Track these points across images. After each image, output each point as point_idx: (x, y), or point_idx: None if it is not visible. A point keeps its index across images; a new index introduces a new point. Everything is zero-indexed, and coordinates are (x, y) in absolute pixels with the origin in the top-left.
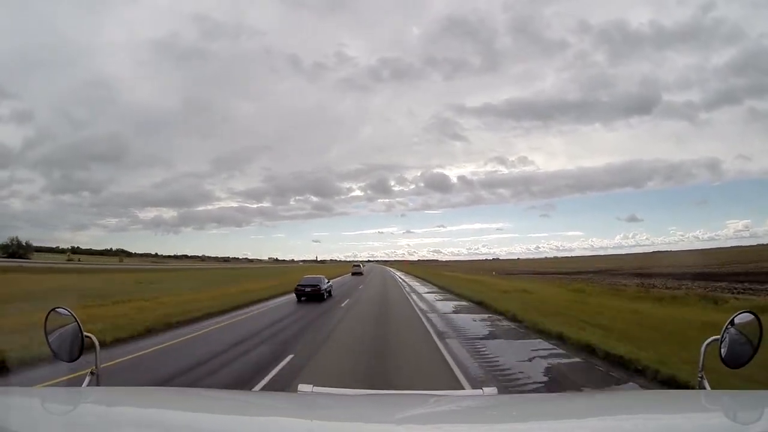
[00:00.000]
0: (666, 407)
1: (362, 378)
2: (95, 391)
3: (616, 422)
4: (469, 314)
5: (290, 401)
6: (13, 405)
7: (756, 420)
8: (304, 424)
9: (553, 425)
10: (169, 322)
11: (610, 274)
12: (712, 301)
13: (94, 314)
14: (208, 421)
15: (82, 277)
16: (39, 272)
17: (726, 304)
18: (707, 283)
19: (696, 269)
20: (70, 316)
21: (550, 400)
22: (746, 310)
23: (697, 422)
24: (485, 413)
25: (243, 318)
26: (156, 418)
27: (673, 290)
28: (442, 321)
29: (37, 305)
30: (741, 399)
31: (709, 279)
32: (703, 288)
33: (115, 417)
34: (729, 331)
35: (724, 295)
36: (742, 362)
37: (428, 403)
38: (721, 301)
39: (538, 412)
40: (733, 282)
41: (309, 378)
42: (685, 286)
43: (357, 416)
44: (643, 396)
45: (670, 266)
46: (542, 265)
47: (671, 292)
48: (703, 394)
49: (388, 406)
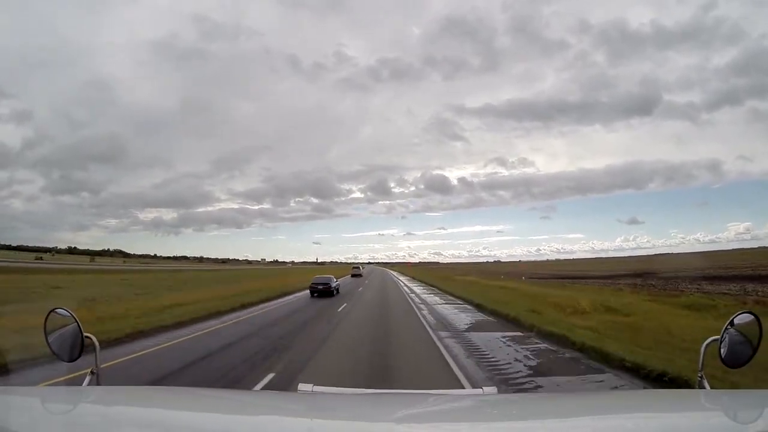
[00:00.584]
0: (666, 407)
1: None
2: (95, 391)
3: (616, 422)
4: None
5: (290, 401)
6: (13, 405)
7: (756, 419)
8: (304, 423)
9: (553, 425)
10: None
11: (660, 278)
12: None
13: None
14: (209, 420)
15: (13, 277)
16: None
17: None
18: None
19: (735, 272)
20: (70, 316)
21: (550, 399)
22: (746, 311)
23: (697, 422)
24: (485, 412)
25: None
26: (156, 418)
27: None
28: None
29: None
30: (741, 399)
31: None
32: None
33: (115, 417)
34: (729, 331)
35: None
36: (741, 362)
37: (428, 403)
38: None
39: (537, 412)
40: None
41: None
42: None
43: (357, 415)
44: (643, 396)
45: (710, 268)
46: (559, 267)
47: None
48: (703, 393)
49: (388, 405)
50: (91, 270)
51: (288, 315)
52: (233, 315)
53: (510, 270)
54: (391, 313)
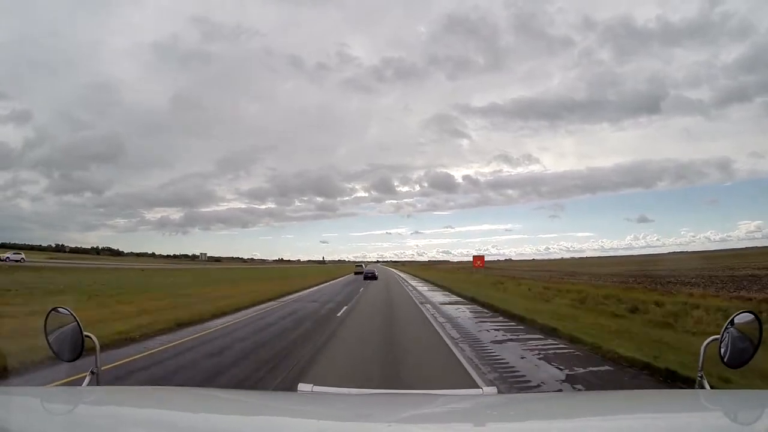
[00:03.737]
0: (666, 407)
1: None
2: (95, 391)
3: (616, 422)
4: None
5: (292, 401)
6: (13, 405)
7: (756, 419)
8: (313, 424)
9: (552, 425)
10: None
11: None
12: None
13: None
14: (210, 420)
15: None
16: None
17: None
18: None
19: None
20: (70, 316)
21: (550, 399)
22: (746, 310)
23: (697, 422)
24: (486, 413)
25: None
26: (156, 418)
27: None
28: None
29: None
30: (741, 398)
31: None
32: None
33: (116, 416)
34: (729, 330)
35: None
36: (742, 362)
37: (428, 403)
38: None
39: (537, 412)
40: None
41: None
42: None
43: (360, 416)
44: (643, 396)
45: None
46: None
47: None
48: (703, 393)
49: (389, 405)
50: (122, 268)
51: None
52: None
53: (545, 268)
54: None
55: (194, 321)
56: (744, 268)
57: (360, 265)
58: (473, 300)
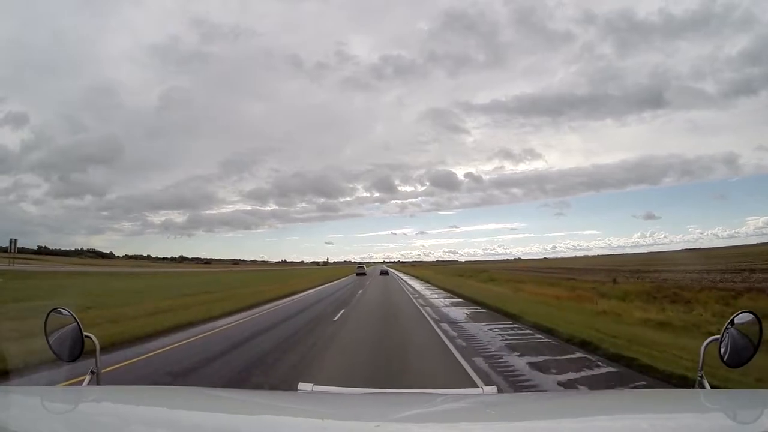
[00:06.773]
0: (666, 407)
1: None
2: (95, 391)
3: (616, 422)
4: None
5: (293, 400)
6: (13, 404)
7: (756, 419)
8: (313, 423)
9: (552, 424)
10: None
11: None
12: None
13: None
14: (210, 419)
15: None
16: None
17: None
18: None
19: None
20: (70, 316)
21: (550, 399)
22: (746, 310)
23: (696, 422)
24: (485, 412)
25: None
26: (157, 417)
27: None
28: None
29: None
30: (741, 398)
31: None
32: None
33: (116, 416)
34: (729, 330)
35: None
36: (742, 362)
37: (428, 402)
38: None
39: (537, 411)
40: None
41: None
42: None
43: (361, 415)
44: (643, 395)
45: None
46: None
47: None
48: (703, 393)
49: (389, 404)
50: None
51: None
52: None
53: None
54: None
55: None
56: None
57: (361, 266)
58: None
